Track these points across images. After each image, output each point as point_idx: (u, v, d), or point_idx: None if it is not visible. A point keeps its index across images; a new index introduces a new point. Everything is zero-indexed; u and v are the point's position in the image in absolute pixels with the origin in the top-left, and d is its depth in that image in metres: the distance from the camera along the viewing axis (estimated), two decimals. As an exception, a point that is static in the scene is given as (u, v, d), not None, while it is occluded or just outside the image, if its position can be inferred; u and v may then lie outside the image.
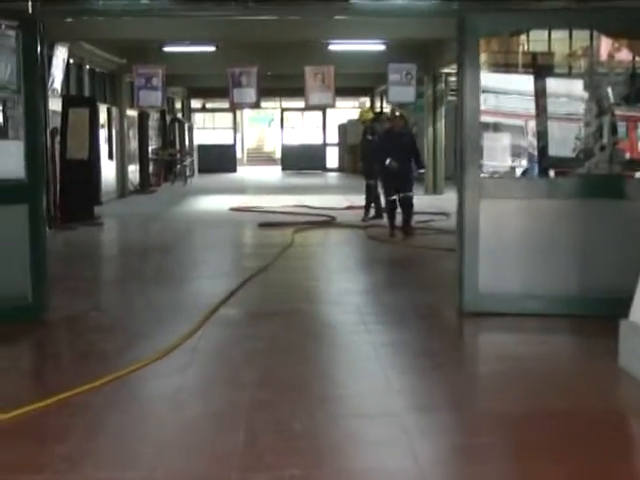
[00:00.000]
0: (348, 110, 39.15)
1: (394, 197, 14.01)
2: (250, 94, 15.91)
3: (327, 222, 16.07)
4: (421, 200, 20.96)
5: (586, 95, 10.11)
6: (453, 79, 21.81)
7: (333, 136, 38.49)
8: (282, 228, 14.98)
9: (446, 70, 22.13)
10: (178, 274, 10.55)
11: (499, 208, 7.92)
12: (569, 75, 11.76)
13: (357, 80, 29.83)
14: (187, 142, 34.20)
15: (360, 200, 17.36)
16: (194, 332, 7.08)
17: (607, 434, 4.84)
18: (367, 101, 38.93)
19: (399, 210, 14.04)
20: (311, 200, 20.90)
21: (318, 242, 13.70)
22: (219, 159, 36.51)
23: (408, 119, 16.45)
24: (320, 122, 39.37)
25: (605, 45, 11.59)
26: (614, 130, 9.26)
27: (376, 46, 20.87)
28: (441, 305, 8.45)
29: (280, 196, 22.88)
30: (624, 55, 11.22)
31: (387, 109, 32.94)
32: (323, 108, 21.42)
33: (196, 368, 6.20)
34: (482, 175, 7.92)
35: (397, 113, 15.41)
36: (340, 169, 37.14)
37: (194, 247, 13.12)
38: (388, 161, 13.74)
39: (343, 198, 21.79)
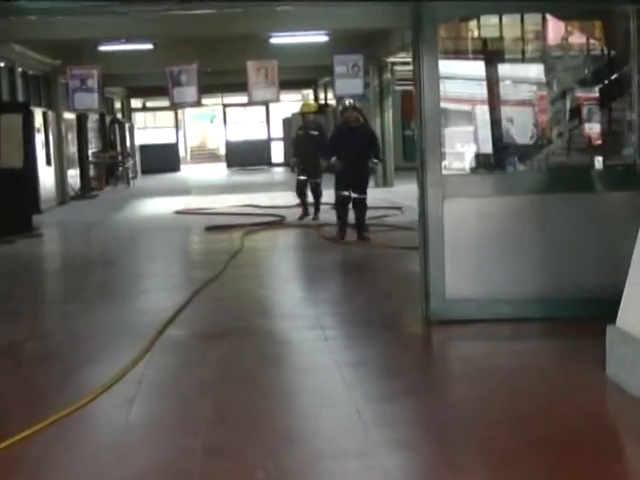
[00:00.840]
0: (292, 104, 38.44)
1: (346, 193, 13.00)
2: (191, 93, 15.24)
3: (277, 222, 15.44)
4: (372, 193, 20.48)
5: (541, 80, 9.67)
6: (400, 68, 21.30)
7: (278, 130, 37.83)
8: (230, 231, 14.34)
9: (392, 59, 21.59)
10: (123, 289, 9.85)
11: (464, 207, 7.38)
12: (522, 60, 11.35)
13: (300, 73, 29.17)
14: (128, 143, 33.33)
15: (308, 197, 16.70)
16: (139, 359, 6.42)
17: (607, 465, 4.29)
18: (310, 94, 38.34)
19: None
20: (259, 199, 20.27)
21: (269, 245, 13.08)
22: (162, 159, 35.68)
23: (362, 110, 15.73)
24: (264, 117, 38.69)
25: (558, 29, 11.18)
26: (573, 116, 8.84)
27: (319, 37, 20.26)
28: (406, 313, 7.90)
29: (226, 195, 22.20)
30: (577, 38, 10.83)
31: (332, 101, 32.44)
32: (267, 103, 20.65)
33: (142, 404, 5.54)
34: (445, 172, 7.37)
35: (347, 103, 13.64)
36: (286, 164, 36.45)
37: (139, 257, 12.41)
38: (333, 160, 12.77)
39: (291, 195, 21.15)
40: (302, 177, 15.77)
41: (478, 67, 8.77)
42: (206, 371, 6.18)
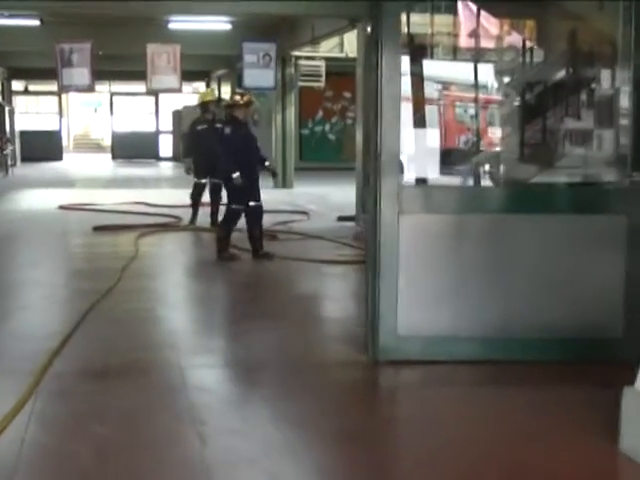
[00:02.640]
0: (182, 96, 36.64)
1: (241, 207, 10.55)
2: (82, 75, 13.53)
3: (172, 224, 13.92)
4: (271, 196, 19.16)
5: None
6: (305, 63, 20.01)
7: (167, 123, 36.06)
8: (121, 232, 12.81)
9: (297, 53, 20.28)
10: (-4, 303, 8.23)
11: (424, 225, 6.16)
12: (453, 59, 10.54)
13: (193, 63, 27.55)
14: (8, 128, 31.09)
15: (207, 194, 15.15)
16: (14, 414, 4.92)
17: None
18: (201, 87, 36.65)
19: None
20: (149, 195, 18.67)
21: (166, 251, 11.55)
22: (43, 147, 33.48)
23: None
24: (153, 108, 36.84)
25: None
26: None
27: (221, 25, 18.85)
28: (342, 348, 6.59)
29: (114, 190, 20.53)
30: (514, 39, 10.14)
31: (227, 95, 30.93)
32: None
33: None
34: (403, 183, 6.11)
35: (238, 97, 11.08)
36: (175, 158, 34.82)
37: (17, 262, 10.66)
38: (236, 175, 10.23)
39: (185, 193, 19.57)
40: (203, 180, 13.62)
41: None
42: (102, 430, 4.74)
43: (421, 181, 6.21)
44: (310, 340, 6.93)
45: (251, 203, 10.53)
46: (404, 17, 7.54)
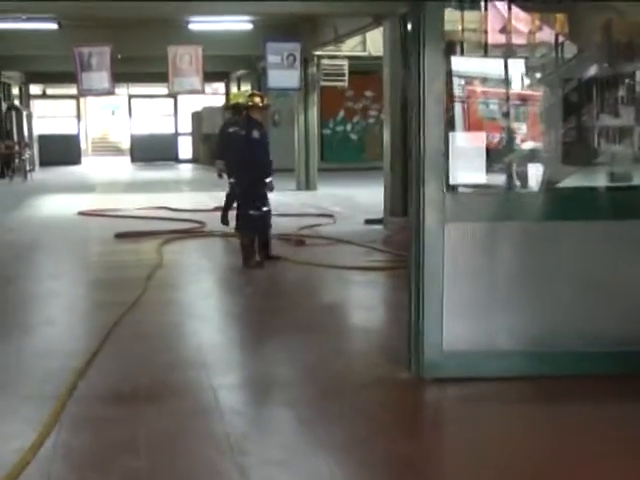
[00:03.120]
0: (201, 97, 36.33)
1: (258, 212, 10.25)
2: (102, 79, 13.18)
3: (197, 230, 13.56)
4: (295, 197, 18.83)
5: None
6: (327, 62, 19.62)
7: (186, 125, 35.80)
8: (144, 239, 12.48)
9: (319, 52, 19.89)
10: (18, 317, 7.82)
11: (472, 234, 5.76)
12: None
13: (212, 64, 27.22)
14: (26, 133, 30.89)
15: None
16: (38, 446, 4.57)
17: None
18: (220, 87, 36.33)
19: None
20: (170, 199, 18.35)
21: (191, 259, 11.17)
22: (62, 150, 33.26)
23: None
24: (171, 110, 36.57)
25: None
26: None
27: (242, 25, 18.49)
28: (381, 363, 6.22)
29: (134, 195, 20.21)
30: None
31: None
32: (191, 94, 18.71)
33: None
34: (448, 190, 5.72)
35: (258, 99, 10.63)
36: (195, 160, 34.57)
37: (38, 272, 10.33)
38: (269, 180, 10.27)
39: (207, 196, 19.30)
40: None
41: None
42: (138, 464, 4.39)
43: (466, 186, 5.81)
44: (346, 355, 6.56)
45: (264, 208, 10.27)
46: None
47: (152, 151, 34.57)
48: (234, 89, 33.39)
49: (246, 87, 30.68)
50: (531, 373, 5.70)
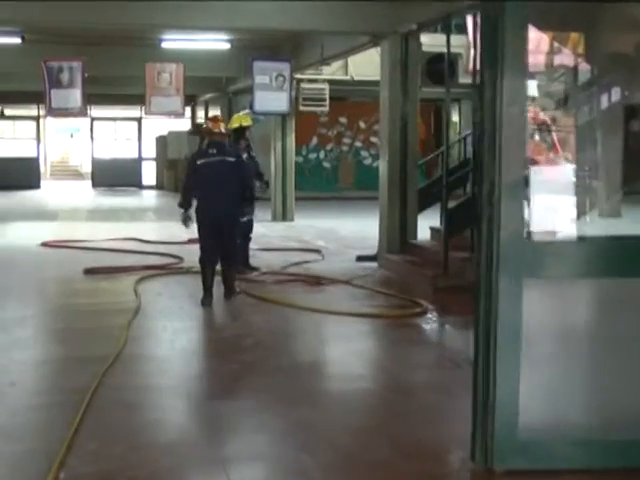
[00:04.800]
0: (165, 121, 35.01)
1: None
2: (74, 97, 11.84)
3: (175, 266, 12.27)
4: (273, 229, 17.64)
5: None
6: (307, 86, 18.44)
7: (150, 150, 34.44)
8: (117, 276, 11.21)
9: (298, 76, 18.72)
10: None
11: (559, 293, 4.62)
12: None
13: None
14: (-19, 155, 29.37)
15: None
16: None
17: None
18: (187, 111, 35.02)
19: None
20: (139, 229, 17.06)
21: (175, 302, 9.76)
22: (21, 174, 31.67)
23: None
24: (135, 134, 35.19)
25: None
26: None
27: (219, 44, 17.30)
28: (433, 449, 5.03)
29: (100, 224, 18.85)
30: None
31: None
32: (170, 116, 17.44)
33: None
34: (527, 238, 4.57)
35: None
36: (159, 186, 33.20)
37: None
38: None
39: (178, 226, 17.97)
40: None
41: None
42: None
43: (551, 233, 4.65)
44: (391, 437, 5.34)
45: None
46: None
47: (114, 176, 33.13)
48: (200, 113, 32.18)
49: (215, 111, 29.47)
50: (628, 465, 4.57)
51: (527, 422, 4.59)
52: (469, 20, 19.18)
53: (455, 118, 29.09)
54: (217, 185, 9.30)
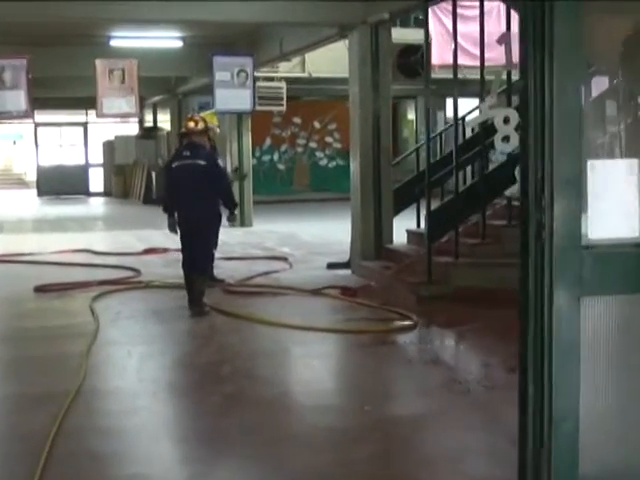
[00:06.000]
0: (112, 125, 33.83)
1: None
2: (18, 99, 10.82)
3: (133, 280, 11.31)
4: (231, 235, 16.71)
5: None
6: (264, 84, 17.51)
7: (97, 156, 33.31)
8: (70, 293, 10.24)
9: (255, 74, 17.83)
10: None
11: (622, 311, 3.82)
12: None
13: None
14: None
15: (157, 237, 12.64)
16: None
17: None
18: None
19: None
20: (90, 240, 16.10)
21: (137, 322, 8.72)
22: (-39, 183, 30.50)
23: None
24: (81, 139, 34.02)
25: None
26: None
27: (171, 42, 16.38)
28: None
29: (48, 235, 17.81)
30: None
31: (166, 124, 28.30)
32: (124, 118, 16.44)
33: None
34: (584, 248, 3.75)
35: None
36: (107, 193, 32.14)
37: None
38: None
39: (130, 236, 17.09)
40: None
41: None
42: None
43: (614, 240, 3.83)
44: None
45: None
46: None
47: (61, 184, 31.97)
48: (149, 116, 31.15)
49: (164, 115, 28.49)
50: None
51: (590, 460, 3.76)
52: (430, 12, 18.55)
53: (411, 116, 28.35)
54: (188, 188, 8.88)
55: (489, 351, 7.40)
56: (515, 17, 9.57)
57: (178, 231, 9.09)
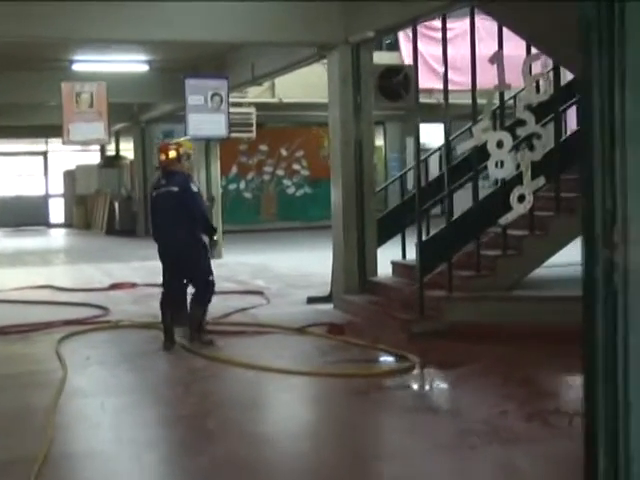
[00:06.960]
0: (72, 154, 32.93)
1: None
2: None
3: (101, 320, 10.52)
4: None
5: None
6: (232, 110, 16.80)
7: (57, 186, 32.41)
8: (34, 335, 9.45)
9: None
10: None
11: None
12: None
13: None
14: None
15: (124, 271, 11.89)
16: None
17: None
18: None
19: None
20: (52, 274, 15.27)
21: (108, 368, 8.01)
22: None
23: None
24: (41, 169, 33.08)
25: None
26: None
27: (136, 66, 15.66)
28: None
29: (6, 269, 16.91)
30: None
31: (128, 152, 27.54)
32: (93, 144, 15.63)
33: None
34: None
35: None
36: (68, 224, 31.25)
37: None
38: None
39: (95, 269, 16.30)
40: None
41: None
42: None
43: None
44: None
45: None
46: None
47: (19, 215, 31.02)
48: (110, 145, 30.29)
49: (127, 143, 27.72)
50: None
51: None
52: (401, 36, 18.02)
53: (379, 142, 27.76)
54: (166, 217, 8.59)
55: (500, 396, 6.71)
56: (509, 37, 9.00)
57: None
